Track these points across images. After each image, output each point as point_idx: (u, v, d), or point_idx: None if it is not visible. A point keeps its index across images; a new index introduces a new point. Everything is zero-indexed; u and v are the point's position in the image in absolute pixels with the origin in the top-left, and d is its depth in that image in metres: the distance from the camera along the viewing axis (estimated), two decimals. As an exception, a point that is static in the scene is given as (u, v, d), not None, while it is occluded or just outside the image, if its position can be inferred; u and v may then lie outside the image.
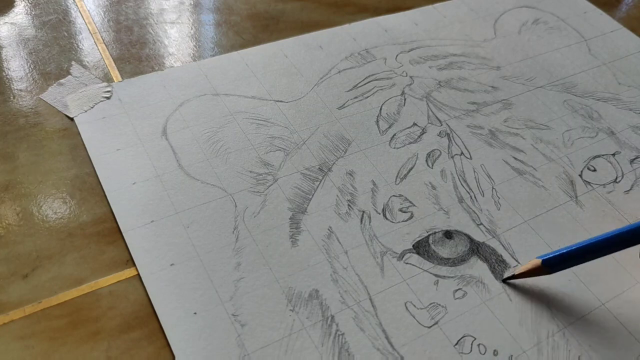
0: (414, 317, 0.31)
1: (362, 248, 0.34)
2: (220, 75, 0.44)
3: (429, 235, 0.35)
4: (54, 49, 0.45)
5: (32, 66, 0.43)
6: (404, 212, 0.36)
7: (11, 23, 0.47)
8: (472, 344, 0.31)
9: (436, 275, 0.33)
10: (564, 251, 0.31)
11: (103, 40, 0.46)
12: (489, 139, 0.41)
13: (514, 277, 0.33)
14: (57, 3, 0.49)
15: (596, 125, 0.44)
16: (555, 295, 0.33)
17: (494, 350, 0.30)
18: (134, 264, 0.32)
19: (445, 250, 0.34)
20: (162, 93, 0.42)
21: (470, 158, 0.40)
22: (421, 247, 0.34)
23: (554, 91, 0.46)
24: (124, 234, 0.33)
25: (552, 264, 0.31)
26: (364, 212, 0.36)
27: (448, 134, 0.41)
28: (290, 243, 0.34)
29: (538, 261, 0.31)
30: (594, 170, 0.40)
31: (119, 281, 0.32)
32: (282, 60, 0.46)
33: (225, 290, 0.31)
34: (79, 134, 0.39)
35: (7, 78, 0.42)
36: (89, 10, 0.49)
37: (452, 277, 0.33)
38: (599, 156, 0.41)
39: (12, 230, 0.33)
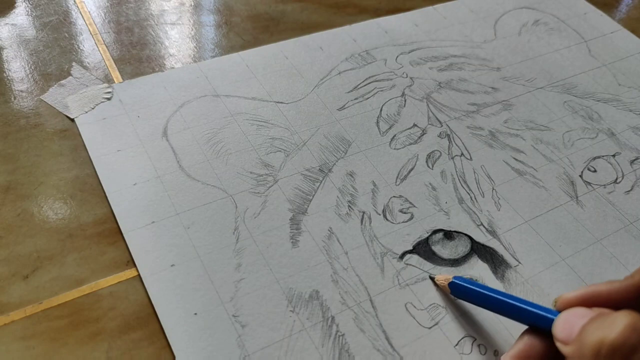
0: (414, 317, 0.31)
1: (362, 249, 0.34)
2: (220, 77, 0.44)
3: (429, 236, 0.35)
4: (55, 50, 0.45)
5: (32, 67, 0.43)
6: (404, 213, 0.36)
7: (12, 24, 0.47)
8: (472, 345, 0.31)
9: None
10: (470, 287, 0.30)
11: (104, 41, 0.46)
12: (489, 140, 0.41)
13: (432, 278, 0.33)
14: (57, 4, 0.49)
15: (596, 126, 0.44)
16: (556, 295, 0.33)
17: (495, 351, 0.30)
18: (134, 265, 0.32)
19: (445, 251, 0.34)
20: (162, 94, 0.42)
21: (471, 159, 0.40)
22: (421, 248, 0.34)
23: (554, 92, 0.46)
24: (124, 235, 0.33)
25: (455, 291, 0.31)
26: (364, 212, 0.36)
27: (448, 135, 0.41)
28: (290, 244, 0.34)
29: (446, 284, 0.31)
30: (594, 171, 0.40)
31: (119, 282, 0.32)
32: (283, 61, 0.46)
33: (225, 291, 0.31)
34: (79, 134, 0.39)
35: (7, 79, 0.42)
36: (89, 12, 0.49)
37: (452, 277, 0.33)
38: (599, 157, 0.41)
39: (13, 231, 0.33)
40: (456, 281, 0.31)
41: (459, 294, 0.31)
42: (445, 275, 0.32)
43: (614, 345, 0.20)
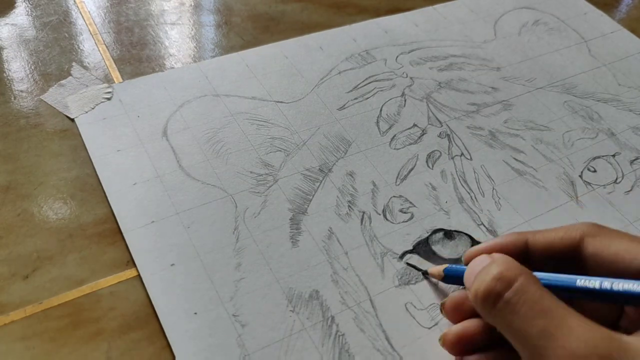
0: (414, 317, 0.31)
1: (362, 249, 0.34)
2: (220, 76, 0.44)
3: (429, 235, 0.35)
4: (55, 50, 0.45)
5: (32, 67, 0.43)
6: (404, 212, 0.36)
7: (12, 24, 0.47)
8: (472, 345, 0.30)
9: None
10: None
11: (104, 41, 0.46)
12: (489, 139, 0.41)
13: (425, 273, 0.33)
14: (57, 4, 0.49)
15: (596, 126, 0.44)
16: (556, 295, 0.33)
17: (495, 351, 0.30)
18: (134, 265, 0.32)
19: (445, 250, 0.34)
20: (162, 94, 0.42)
21: (471, 159, 0.40)
22: (421, 248, 0.34)
23: (554, 92, 0.46)
24: (124, 235, 0.33)
25: (450, 277, 0.31)
26: (364, 212, 0.36)
27: (448, 135, 0.41)
28: (290, 244, 0.34)
29: (442, 270, 0.31)
30: (594, 171, 0.40)
31: (119, 282, 0.32)
32: (283, 61, 0.46)
33: (225, 291, 0.31)
34: (79, 134, 0.39)
35: (7, 79, 0.42)
36: (89, 12, 0.49)
37: (452, 277, 0.33)
38: (599, 157, 0.41)
39: (13, 231, 0.33)
40: (449, 273, 0.31)
41: (454, 281, 0.31)
42: (436, 267, 0.32)
43: (484, 294, 0.25)
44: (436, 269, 0.32)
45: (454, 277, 0.31)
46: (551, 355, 0.22)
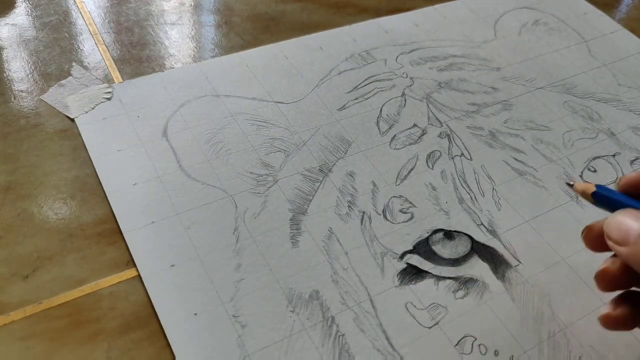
0: (414, 317, 0.31)
1: (362, 249, 0.34)
2: (220, 77, 0.44)
3: (429, 235, 0.35)
4: (55, 50, 0.45)
5: (32, 67, 0.43)
6: (405, 212, 0.36)
7: (12, 24, 0.47)
8: (472, 344, 0.30)
9: (437, 276, 0.33)
10: (616, 197, 0.28)
11: (104, 41, 0.46)
12: (489, 140, 0.41)
13: (571, 186, 0.31)
14: (57, 4, 0.49)
15: (596, 126, 0.44)
16: (557, 294, 0.33)
17: (495, 351, 0.30)
18: (134, 265, 0.32)
19: (445, 250, 0.34)
20: (162, 94, 0.42)
21: (471, 159, 0.40)
22: (421, 248, 0.34)
23: (554, 92, 0.46)
24: (124, 235, 0.33)
25: (600, 200, 0.29)
26: (364, 213, 0.36)
27: (448, 135, 0.41)
28: (290, 244, 0.34)
29: (591, 189, 0.29)
30: (594, 171, 0.40)
31: (119, 282, 0.32)
32: (283, 61, 0.46)
33: (225, 291, 0.31)
34: (79, 134, 0.39)
35: (7, 79, 0.42)
36: (89, 12, 0.49)
37: (452, 277, 0.33)
38: (599, 157, 0.41)
39: (13, 231, 0.33)
40: (599, 191, 0.29)
41: (602, 202, 0.29)
42: (585, 184, 0.30)
43: None
44: (584, 185, 0.30)
45: (607, 201, 0.29)
46: None
